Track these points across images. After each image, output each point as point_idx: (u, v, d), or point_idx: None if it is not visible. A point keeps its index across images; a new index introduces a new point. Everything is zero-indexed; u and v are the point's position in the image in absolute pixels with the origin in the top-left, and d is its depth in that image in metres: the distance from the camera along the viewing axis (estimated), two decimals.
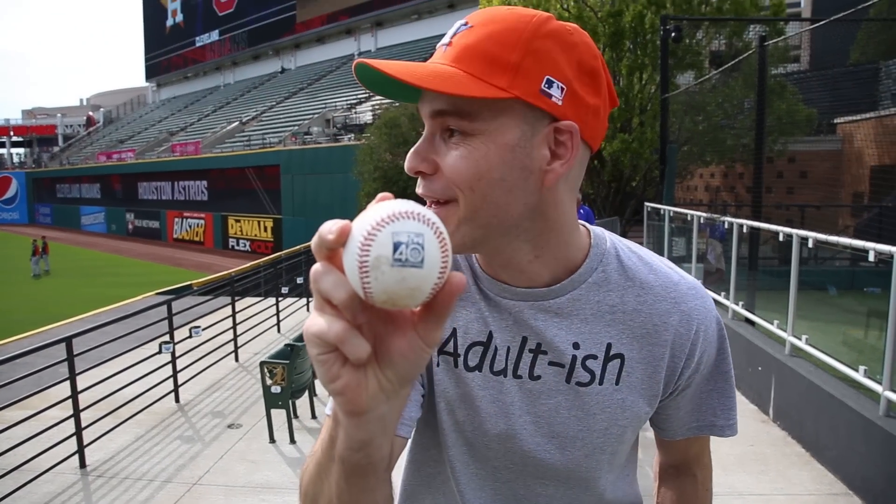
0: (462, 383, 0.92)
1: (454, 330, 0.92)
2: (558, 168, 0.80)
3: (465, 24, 0.80)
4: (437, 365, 0.93)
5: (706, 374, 0.96)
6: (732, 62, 10.79)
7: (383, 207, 0.54)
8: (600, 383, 0.89)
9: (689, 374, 0.93)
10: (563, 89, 0.78)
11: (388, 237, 0.51)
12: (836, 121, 14.47)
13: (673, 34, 10.80)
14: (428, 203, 0.81)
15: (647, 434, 1.08)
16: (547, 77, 0.77)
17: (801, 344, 5.03)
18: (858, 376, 4.22)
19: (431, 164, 0.80)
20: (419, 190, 0.82)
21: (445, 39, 0.80)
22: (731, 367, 0.99)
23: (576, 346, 0.89)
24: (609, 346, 0.89)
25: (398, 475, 0.99)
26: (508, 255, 0.86)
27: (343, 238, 0.53)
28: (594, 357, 0.89)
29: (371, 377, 0.57)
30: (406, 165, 0.81)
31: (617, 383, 0.89)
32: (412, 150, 0.81)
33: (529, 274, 0.87)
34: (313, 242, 0.55)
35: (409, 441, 0.99)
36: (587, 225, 0.94)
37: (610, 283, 0.90)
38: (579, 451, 0.91)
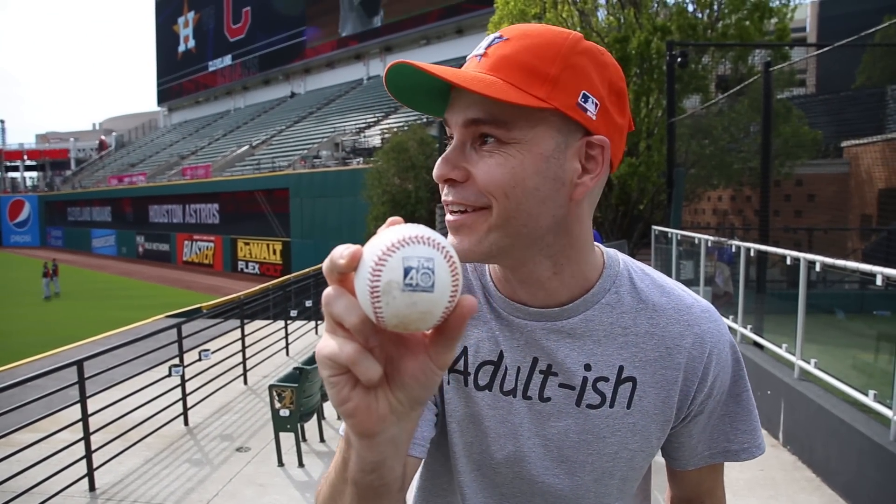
0: (471, 402, 0.91)
1: (465, 348, 0.92)
2: (588, 182, 0.82)
3: (501, 36, 0.80)
4: (448, 383, 0.93)
5: (720, 400, 0.95)
6: (738, 87, 10.86)
7: (393, 232, 0.54)
8: (611, 406, 0.88)
9: (702, 399, 0.92)
10: (596, 105, 0.79)
11: (399, 262, 0.52)
12: (842, 144, 14.49)
13: (679, 59, 10.90)
14: (450, 212, 0.82)
15: (659, 459, 1.07)
16: (583, 92, 0.78)
17: (810, 368, 5.01)
18: (869, 401, 4.20)
19: (462, 171, 0.80)
20: (448, 197, 0.82)
21: (479, 50, 0.81)
22: (748, 390, 0.97)
23: (587, 367, 0.88)
24: (621, 368, 0.88)
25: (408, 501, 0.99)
26: (530, 270, 0.86)
27: (354, 263, 0.54)
28: (605, 379, 0.88)
29: (382, 399, 0.58)
30: (435, 173, 0.81)
31: (628, 407, 0.88)
32: (441, 158, 0.81)
33: (548, 290, 0.87)
34: (325, 266, 0.56)
35: (420, 467, 0.98)
36: (600, 246, 0.95)
37: (623, 304, 0.90)
38: (588, 476, 0.90)
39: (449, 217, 0.83)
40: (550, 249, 0.84)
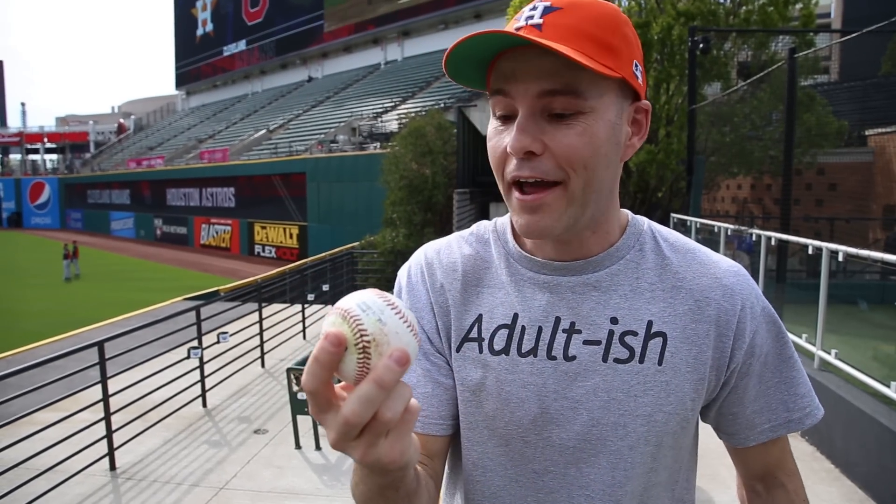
0: (489, 369, 0.90)
1: (479, 316, 0.92)
2: (636, 143, 0.87)
3: (552, 5, 0.79)
4: (457, 350, 0.92)
5: (768, 364, 0.91)
6: (761, 74, 10.70)
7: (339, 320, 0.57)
8: (640, 361, 0.86)
9: (743, 357, 0.89)
10: (641, 72, 0.85)
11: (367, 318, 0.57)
12: (867, 132, 14.25)
13: (701, 46, 10.74)
14: (520, 191, 0.82)
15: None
16: (634, 60, 0.83)
17: (831, 358, 4.96)
18: (890, 392, 4.15)
19: (541, 143, 0.80)
20: (521, 172, 0.81)
21: (533, 19, 0.79)
22: (793, 349, 0.94)
23: (613, 321, 0.87)
24: (650, 323, 0.87)
25: None
26: (577, 231, 0.87)
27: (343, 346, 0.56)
28: (634, 333, 0.86)
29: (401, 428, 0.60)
30: (514, 146, 0.79)
31: (660, 364, 0.86)
32: (518, 129, 0.79)
33: (584, 249, 0.89)
34: (363, 412, 0.55)
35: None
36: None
37: (647, 261, 0.90)
38: (622, 442, 0.86)
39: (522, 196, 0.82)
40: (597, 209, 0.86)
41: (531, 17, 0.79)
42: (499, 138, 0.83)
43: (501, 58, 0.81)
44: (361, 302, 0.57)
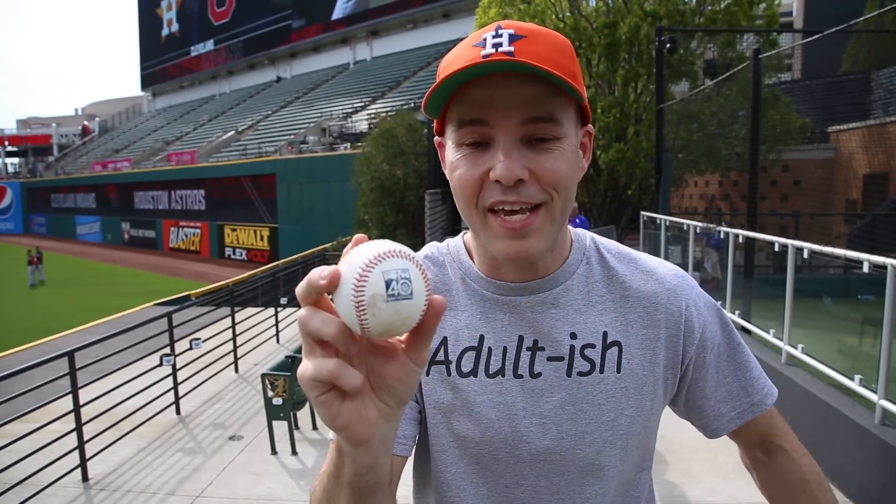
0: (458, 391, 0.92)
1: (444, 339, 0.94)
2: (584, 165, 0.90)
3: (516, 33, 0.79)
4: (428, 375, 0.94)
5: (721, 354, 0.97)
6: (727, 73, 10.89)
7: (366, 250, 0.58)
8: (601, 371, 0.90)
9: (696, 351, 0.95)
10: (585, 97, 0.86)
11: (380, 276, 0.56)
12: (828, 129, 14.57)
13: (668, 45, 10.89)
14: (505, 214, 0.82)
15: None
16: (584, 87, 0.86)
17: (797, 353, 5.08)
18: (854, 385, 4.26)
19: (527, 170, 0.81)
20: (508, 198, 0.81)
21: (504, 46, 0.78)
22: (738, 335, 1.01)
23: (573, 335, 0.91)
24: (605, 334, 0.91)
25: None
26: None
27: (335, 282, 0.56)
28: (592, 346, 0.91)
29: (370, 406, 0.60)
30: (505, 175, 0.80)
31: (618, 371, 0.91)
32: (506, 157, 0.80)
33: (542, 268, 0.92)
34: (300, 289, 0.57)
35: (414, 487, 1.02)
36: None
37: (594, 274, 0.95)
38: (590, 448, 0.90)
39: (509, 221, 0.82)
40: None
41: (499, 45, 0.78)
42: (470, 167, 0.83)
43: (469, 86, 0.80)
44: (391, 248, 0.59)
